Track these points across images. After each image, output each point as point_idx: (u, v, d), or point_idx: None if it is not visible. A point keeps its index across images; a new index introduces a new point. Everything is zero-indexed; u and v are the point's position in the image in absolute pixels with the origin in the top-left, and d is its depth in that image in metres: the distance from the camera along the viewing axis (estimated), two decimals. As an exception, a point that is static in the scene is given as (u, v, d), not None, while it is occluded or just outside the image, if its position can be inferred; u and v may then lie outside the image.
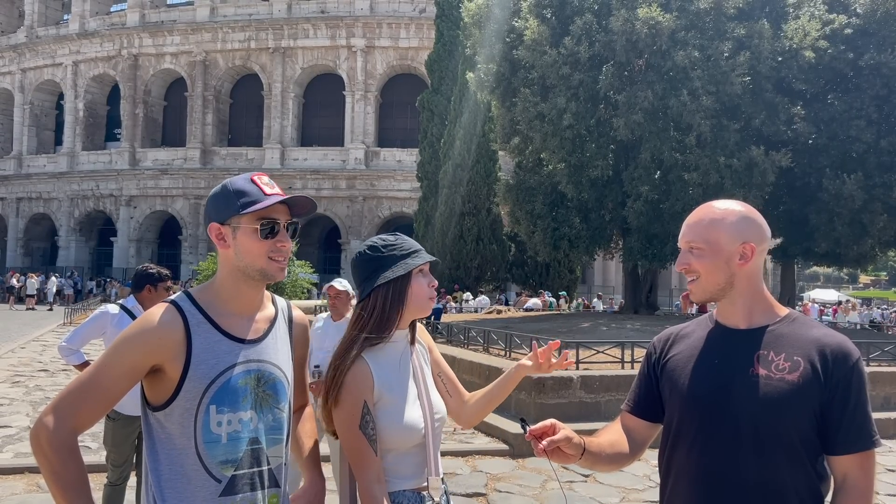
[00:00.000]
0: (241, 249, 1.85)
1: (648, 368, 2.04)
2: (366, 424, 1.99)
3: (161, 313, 1.81)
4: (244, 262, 1.85)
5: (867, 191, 16.13)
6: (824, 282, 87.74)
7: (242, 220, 1.84)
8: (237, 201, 1.84)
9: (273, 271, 1.86)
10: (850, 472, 1.74)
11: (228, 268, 1.88)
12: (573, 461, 1.83)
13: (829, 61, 16.06)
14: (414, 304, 2.10)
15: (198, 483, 1.78)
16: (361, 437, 1.98)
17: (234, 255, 1.86)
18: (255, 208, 1.82)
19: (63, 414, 1.70)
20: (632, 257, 18.28)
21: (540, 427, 1.80)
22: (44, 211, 46.75)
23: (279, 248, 1.86)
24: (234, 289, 1.88)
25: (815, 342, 1.79)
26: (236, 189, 1.86)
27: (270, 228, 1.85)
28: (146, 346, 1.76)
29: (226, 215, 1.85)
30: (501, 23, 18.46)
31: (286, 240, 1.88)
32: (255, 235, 1.84)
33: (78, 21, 46.73)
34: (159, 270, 4.85)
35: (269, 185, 1.88)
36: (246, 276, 1.87)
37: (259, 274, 1.86)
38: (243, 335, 1.87)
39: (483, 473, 6.99)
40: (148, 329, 1.78)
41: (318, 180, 41.40)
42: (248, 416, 1.83)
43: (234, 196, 1.85)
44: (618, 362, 9.47)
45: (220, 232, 1.87)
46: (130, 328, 1.82)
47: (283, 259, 1.88)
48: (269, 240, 1.85)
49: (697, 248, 1.87)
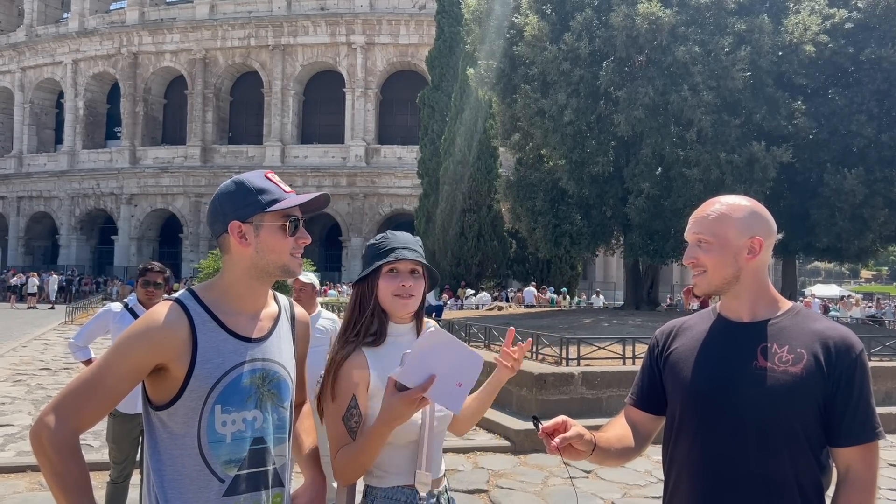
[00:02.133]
0: (264, 247, 1.84)
1: (651, 361, 2.04)
2: (349, 417, 2.01)
3: (166, 311, 1.78)
4: (266, 260, 1.84)
5: (868, 185, 16.11)
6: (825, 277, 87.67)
7: (266, 218, 1.83)
8: (260, 199, 1.83)
9: (294, 267, 1.88)
10: (853, 463, 1.75)
11: (244, 266, 1.86)
12: (584, 458, 1.83)
13: (830, 56, 16.03)
14: (383, 302, 2.12)
15: (201, 483, 1.76)
16: (342, 427, 2.02)
17: (255, 252, 1.84)
18: (282, 206, 1.83)
19: (64, 413, 1.68)
20: (633, 253, 18.27)
21: (552, 424, 1.80)
22: (44, 210, 46.80)
23: (300, 244, 1.88)
24: (245, 287, 1.87)
25: (818, 335, 1.79)
26: (256, 187, 1.85)
27: (296, 225, 1.87)
28: (150, 344, 1.74)
29: (248, 213, 1.83)
30: (501, 19, 18.43)
31: (306, 236, 1.90)
32: (280, 233, 1.84)
33: (77, 19, 46.73)
34: (145, 265, 4.84)
35: (284, 183, 1.90)
36: (264, 274, 1.87)
37: (280, 270, 1.86)
38: (249, 334, 1.86)
39: (485, 470, 6.99)
40: (152, 327, 1.76)
41: (318, 178, 41.41)
42: (253, 415, 1.82)
43: (256, 193, 1.84)
44: (619, 358, 9.46)
45: (241, 230, 1.84)
46: (134, 326, 1.79)
47: (301, 255, 1.91)
48: (292, 237, 1.86)
49: (705, 242, 1.87)
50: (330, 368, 2.07)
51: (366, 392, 2.04)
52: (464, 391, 1.86)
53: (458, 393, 1.86)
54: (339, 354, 2.07)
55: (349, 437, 2.01)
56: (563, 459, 1.82)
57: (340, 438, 2.02)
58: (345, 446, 2.01)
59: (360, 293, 2.14)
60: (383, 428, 1.91)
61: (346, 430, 2.01)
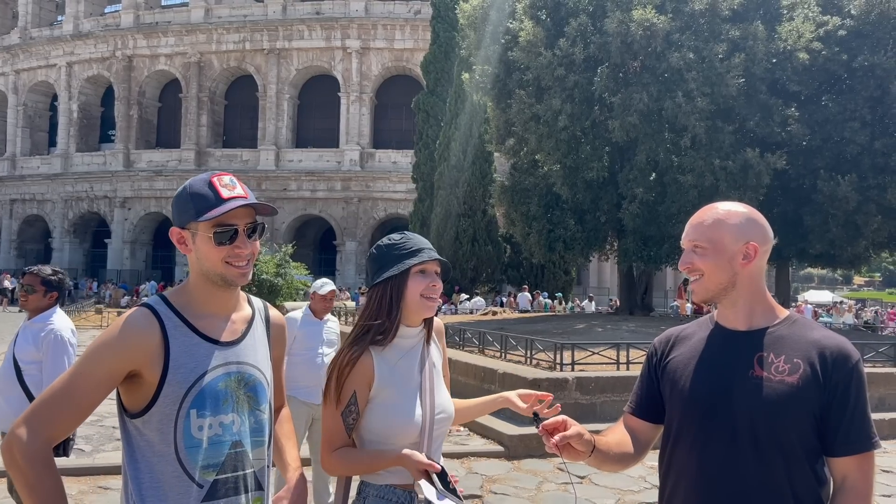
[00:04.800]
0: (200, 255, 1.82)
1: (649, 370, 2.04)
2: (348, 413, 2.03)
3: (136, 317, 1.77)
4: (205, 267, 1.83)
5: (861, 192, 16.16)
6: (819, 283, 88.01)
7: (199, 227, 1.80)
8: (193, 207, 1.80)
9: (232, 276, 1.83)
10: (849, 473, 1.74)
11: (196, 271, 1.86)
12: (583, 458, 1.83)
13: (824, 63, 16.09)
14: (410, 302, 2.11)
15: (179, 489, 1.75)
16: (340, 423, 2.03)
17: (196, 259, 1.84)
18: (208, 216, 1.78)
19: (36, 425, 1.66)
20: (627, 259, 18.29)
21: (552, 422, 1.80)
22: (37, 212, 46.60)
23: (237, 253, 1.82)
24: (205, 291, 1.86)
25: (814, 344, 1.79)
26: (193, 192, 1.82)
27: (226, 235, 1.80)
28: (122, 351, 1.72)
29: (185, 220, 1.82)
30: (497, 24, 18.47)
31: (245, 245, 1.83)
32: (210, 242, 1.80)
33: (72, 22, 46.60)
34: (27, 268, 4.41)
35: (227, 188, 1.82)
36: (210, 279, 1.84)
37: (219, 279, 1.83)
38: (221, 337, 1.84)
39: (478, 475, 6.97)
40: (123, 334, 1.74)
41: (313, 182, 41.36)
42: (230, 419, 1.81)
43: (191, 200, 1.81)
44: (613, 364, 9.46)
45: (181, 236, 1.84)
46: (105, 334, 1.77)
47: (245, 263, 1.84)
48: (225, 246, 1.80)
49: (700, 248, 1.87)
50: (336, 365, 2.08)
51: (367, 392, 2.05)
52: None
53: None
54: (348, 352, 2.08)
55: (345, 433, 2.04)
56: (562, 459, 1.82)
57: (336, 433, 2.05)
58: (345, 449, 2.04)
59: (385, 293, 2.10)
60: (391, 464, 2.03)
61: (344, 425, 2.03)
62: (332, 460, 2.05)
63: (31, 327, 4.18)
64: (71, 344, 4.17)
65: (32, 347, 4.09)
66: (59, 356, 4.06)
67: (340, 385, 2.04)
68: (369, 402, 2.06)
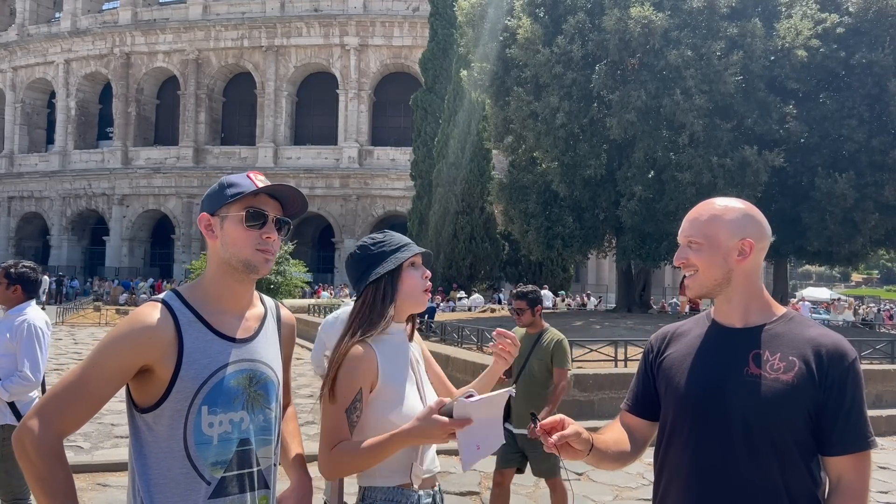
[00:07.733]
0: (227, 239, 1.83)
1: (646, 367, 2.03)
2: (353, 410, 2.00)
3: (150, 312, 1.77)
4: (229, 253, 1.83)
5: (859, 189, 16.19)
6: (817, 280, 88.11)
7: (231, 209, 1.82)
8: (227, 191, 1.83)
9: (258, 262, 1.83)
10: (844, 472, 1.73)
11: (216, 261, 1.87)
12: (581, 457, 1.82)
13: (822, 60, 16.11)
14: (408, 296, 2.12)
15: (187, 485, 1.75)
16: (343, 420, 2.00)
17: (221, 245, 1.84)
18: (242, 193, 1.81)
19: (48, 417, 1.66)
20: (625, 256, 18.32)
21: (550, 422, 1.79)
22: (35, 210, 46.55)
23: (265, 239, 1.83)
24: (222, 285, 1.86)
25: (810, 342, 1.78)
26: (228, 182, 1.86)
27: (257, 218, 1.82)
28: (135, 346, 1.72)
29: (216, 205, 1.84)
30: (495, 22, 18.47)
31: (273, 232, 1.85)
32: (240, 223, 1.81)
33: (70, 19, 46.51)
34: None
35: (262, 181, 1.85)
36: (231, 269, 1.84)
37: (243, 265, 1.83)
38: (235, 334, 1.84)
39: (476, 472, 6.98)
40: (137, 328, 1.73)
41: (311, 179, 41.33)
42: (240, 416, 1.81)
43: (226, 188, 1.84)
44: (611, 361, 9.48)
45: (209, 222, 1.85)
46: (118, 328, 1.77)
47: (270, 253, 1.85)
48: (255, 230, 1.82)
49: (696, 243, 1.87)
50: (341, 362, 2.05)
51: (370, 388, 2.04)
52: (479, 454, 1.93)
53: (474, 452, 1.92)
54: (350, 349, 2.06)
55: (347, 432, 2.00)
56: (561, 458, 1.82)
57: (339, 431, 2.00)
58: (346, 442, 1.99)
59: (383, 288, 2.11)
60: (408, 440, 1.94)
61: (348, 423, 2.00)
62: (333, 458, 2.00)
63: (5, 320, 4.30)
64: (44, 333, 4.28)
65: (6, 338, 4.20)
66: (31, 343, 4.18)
67: (344, 381, 2.01)
68: (371, 399, 2.05)
